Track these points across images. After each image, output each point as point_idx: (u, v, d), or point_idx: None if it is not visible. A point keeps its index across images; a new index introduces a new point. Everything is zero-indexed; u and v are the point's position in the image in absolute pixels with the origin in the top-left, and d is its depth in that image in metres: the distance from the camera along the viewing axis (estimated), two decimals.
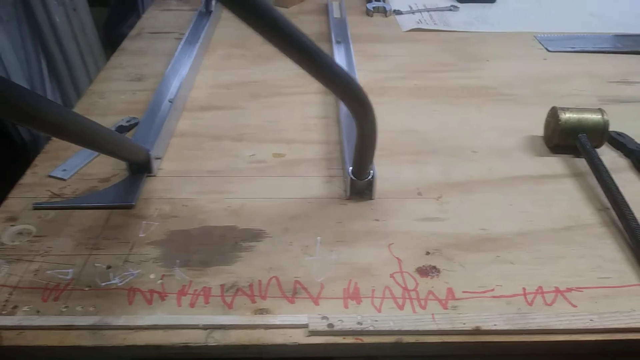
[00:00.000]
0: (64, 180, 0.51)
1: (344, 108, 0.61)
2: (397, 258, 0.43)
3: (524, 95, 0.68)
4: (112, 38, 1.73)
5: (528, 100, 0.67)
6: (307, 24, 0.89)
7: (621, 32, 0.87)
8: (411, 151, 0.57)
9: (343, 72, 0.39)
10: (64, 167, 0.53)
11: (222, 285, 0.40)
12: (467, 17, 0.94)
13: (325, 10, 0.94)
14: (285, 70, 0.73)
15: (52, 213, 0.47)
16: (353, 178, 0.49)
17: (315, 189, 0.51)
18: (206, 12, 0.88)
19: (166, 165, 0.54)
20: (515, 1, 1.02)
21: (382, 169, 0.52)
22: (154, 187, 0.51)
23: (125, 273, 0.41)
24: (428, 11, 0.95)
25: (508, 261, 0.43)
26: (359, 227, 0.46)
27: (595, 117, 0.56)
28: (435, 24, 0.90)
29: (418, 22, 0.90)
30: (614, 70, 0.75)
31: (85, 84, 1.68)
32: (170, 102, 0.61)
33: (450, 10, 0.96)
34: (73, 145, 0.54)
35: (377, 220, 0.47)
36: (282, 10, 0.95)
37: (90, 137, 0.41)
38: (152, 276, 0.41)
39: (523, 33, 0.87)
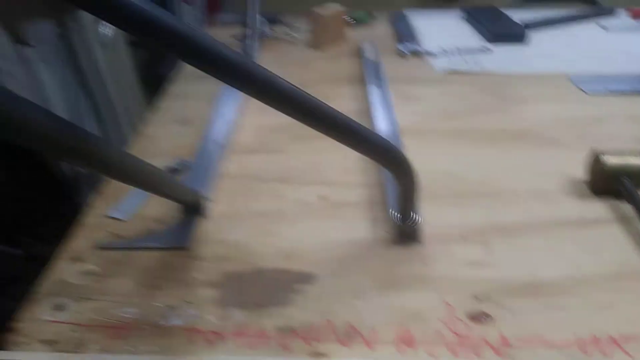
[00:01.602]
0: (122, 220, 0.54)
1: None
2: (447, 303, 0.44)
3: (563, 137, 0.69)
4: (149, 78, 1.80)
5: (568, 143, 0.68)
6: (342, 66, 0.93)
7: None
8: (453, 194, 0.58)
9: (377, 136, 0.40)
10: (121, 207, 0.55)
11: (278, 328, 0.41)
12: (499, 58, 0.96)
13: (359, 53, 0.97)
14: None
15: (113, 253, 0.49)
16: (398, 222, 0.50)
17: (361, 232, 0.53)
18: (247, 56, 0.92)
19: (216, 206, 0.56)
20: (546, 41, 1.04)
21: (426, 212, 0.53)
22: (207, 228, 0.53)
23: (185, 313, 0.43)
24: (460, 53, 0.98)
25: (559, 308, 0.43)
26: (407, 271, 0.47)
27: (639, 161, 0.56)
28: (468, 65, 0.92)
29: (451, 64, 0.92)
30: None
31: (124, 121, 1.75)
32: (218, 144, 0.64)
33: (482, 51, 0.98)
34: (128, 187, 0.57)
35: (425, 264, 0.48)
36: (318, 54, 0.99)
37: (147, 180, 0.43)
38: (210, 317, 0.42)
39: (556, 74, 0.88)
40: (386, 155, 0.41)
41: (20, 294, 0.45)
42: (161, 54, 1.78)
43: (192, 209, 0.54)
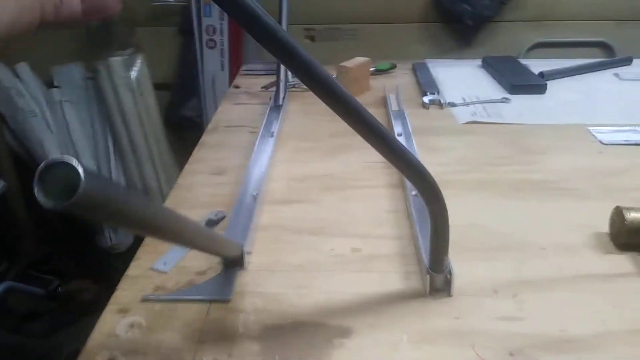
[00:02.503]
0: (165, 272, 0.56)
1: (414, 202, 0.65)
2: (482, 358, 0.45)
3: (584, 189, 0.71)
4: (173, 118, 1.86)
5: (589, 195, 0.70)
6: None
7: None
8: (481, 247, 0.60)
9: (414, 158, 0.44)
10: (164, 260, 0.58)
11: None
12: (519, 109, 0.99)
13: (384, 103, 1.01)
14: (353, 163, 0.79)
15: (158, 305, 0.52)
16: (431, 272, 0.53)
17: (394, 284, 0.55)
18: (275, 107, 0.96)
19: (254, 258, 0.59)
20: (564, 92, 1.07)
21: (456, 266, 0.55)
22: (246, 280, 0.56)
23: None
24: (481, 103, 1.01)
25: None
26: (441, 325, 0.49)
27: None
28: (489, 116, 0.95)
29: (473, 115, 0.96)
30: None
31: (146, 159, 1.80)
32: (253, 196, 0.67)
33: (502, 102, 1.02)
34: None
35: (458, 318, 0.50)
36: None
37: (188, 236, 0.45)
38: None
39: (575, 125, 0.91)
40: (419, 176, 0.45)
41: (36, 330, 0.47)
42: (185, 97, 1.84)
43: (233, 262, 0.56)
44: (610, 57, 1.65)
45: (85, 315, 1.29)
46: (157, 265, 0.57)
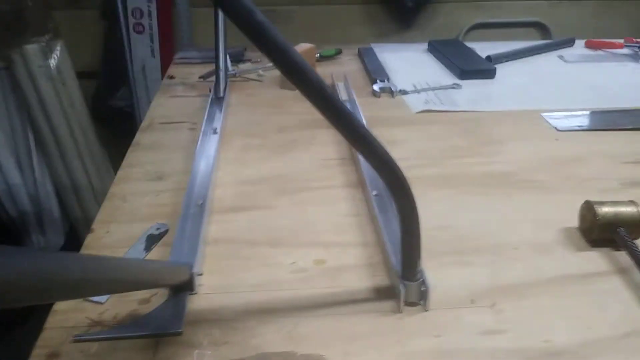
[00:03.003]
0: (101, 303, 0.48)
1: (376, 203, 0.60)
2: None
3: (548, 181, 0.69)
4: (101, 110, 1.71)
5: (553, 187, 0.68)
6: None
7: (623, 107, 0.90)
8: (452, 251, 0.56)
9: (382, 147, 0.41)
10: None
11: None
12: (471, 95, 0.96)
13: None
14: (306, 161, 0.73)
15: (95, 345, 0.44)
16: (405, 282, 0.48)
17: (365, 300, 0.50)
18: (216, 99, 0.88)
19: (206, 279, 0.52)
20: (512, 76, 1.06)
21: (429, 274, 0.50)
22: (198, 306, 0.49)
23: None
24: (433, 90, 0.97)
25: None
26: (421, 346, 0.45)
27: (631, 210, 0.56)
28: (442, 104, 0.92)
29: (426, 103, 0.92)
30: (627, 149, 0.77)
31: (73, 155, 1.65)
32: (199, 205, 0.60)
33: (454, 88, 0.99)
34: None
35: (438, 336, 0.46)
36: (289, 93, 0.96)
37: (125, 282, 0.38)
38: None
39: (528, 111, 0.90)
40: (386, 168, 0.41)
41: None
42: (113, 86, 1.70)
43: (181, 287, 0.49)
44: (546, 37, 1.68)
45: (17, 325, 1.17)
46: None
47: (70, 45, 1.56)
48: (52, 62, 1.56)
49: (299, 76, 0.35)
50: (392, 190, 0.43)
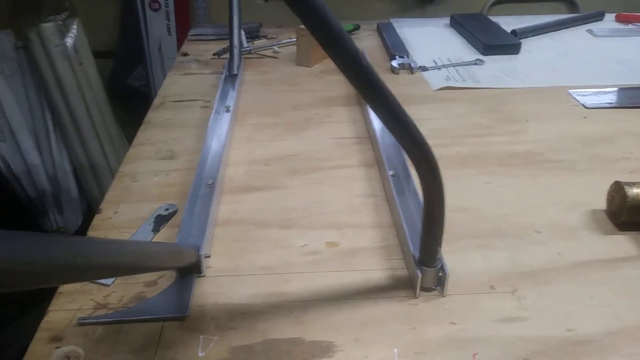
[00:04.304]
0: (107, 286, 0.47)
1: (393, 184, 0.58)
2: None
3: (575, 161, 0.66)
4: (118, 89, 1.71)
5: (580, 167, 0.64)
6: (332, 85, 0.87)
7: None
8: (472, 234, 0.54)
9: (414, 125, 0.38)
10: None
11: None
12: (494, 71, 0.92)
13: None
14: (321, 140, 0.71)
15: (99, 329, 0.43)
16: (423, 267, 0.46)
17: (379, 285, 0.48)
18: (230, 76, 0.85)
19: (214, 261, 0.50)
20: (539, 51, 1.01)
21: (445, 257, 0.48)
22: (206, 289, 0.47)
23: None
24: (454, 66, 0.93)
25: None
26: (436, 333, 0.43)
27: None
28: (464, 80, 0.88)
29: (447, 79, 0.88)
30: None
31: (91, 135, 1.66)
32: (210, 185, 0.58)
33: (476, 64, 0.94)
34: None
35: (454, 323, 0.43)
36: (305, 70, 0.93)
37: (132, 263, 0.37)
38: None
39: (555, 88, 0.85)
40: (417, 147, 0.39)
41: None
42: (129, 65, 1.69)
43: (189, 269, 0.48)
44: (573, 12, 1.60)
45: (32, 307, 1.19)
46: None
47: (86, 24, 1.55)
48: (69, 41, 1.55)
49: (334, 42, 0.32)
50: (420, 172, 0.41)
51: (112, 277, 0.47)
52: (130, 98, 1.69)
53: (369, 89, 0.35)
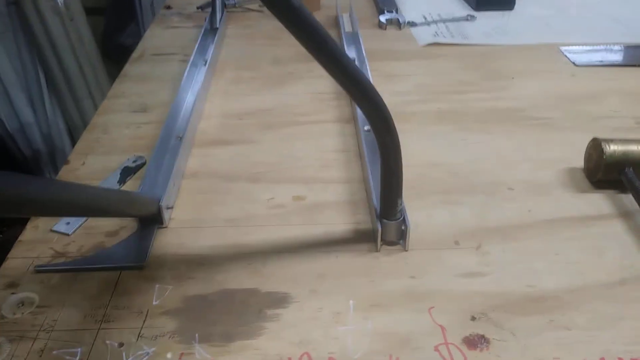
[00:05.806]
0: (67, 235, 0.47)
1: (365, 139, 0.57)
2: (440, 326, 0.39)
3: (556, 118, 0.64)
4: (110, 47, 1.68)
5: (561, 125, 0.63)
6: None
7: None
8: (442, 189, 0.53)
9: (366, 80, 0.37)
10: (68, 219, 0.48)
11: None
12: (485, 28, 0.89)
13: (336, 24, 0.89)
14: (298, 95, 0.69)
15: (55, 277, 0.43)
16: (383, 220, 0.45)
17: (342, 239, 0.47)
18: (211, 30, 0.83)
19: (178, 213, 0.50)
20: (535, 7, 0.97)
21: (413, 213, 0.47)
22: (166, 240, 0.47)
23: (140, 352, 0.37)
24: (444, 22, 0.91)
25: (563, 326, 0.39)
26: (394, 286, 0.42)
27: None
28: (452, 36, 0.85)
29: (435, 35, 0.85)
30: None
31: (84, 94, 1.64)
32: (179, 138, 0.57)
33: (467, 20, 0.91)
34: None
35: (413, 277, 0.43)
36: None
37: (92, 206, 0.37)
38: (169, 355, 0.37)
39: (546, 45, 0.82)
40: (368, 101, 0.38)
41: None
42: (121, 22, 1.66)
43: (150, 220, 0.47)
44: None
45: None
46: (59, 227, 0.47)
47: None
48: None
49: None
50: (374, 125, 0.40)
51: (70, 216, 0.46)
52: (124, 57, 1.66)
53: (312, 43, 0.35)
